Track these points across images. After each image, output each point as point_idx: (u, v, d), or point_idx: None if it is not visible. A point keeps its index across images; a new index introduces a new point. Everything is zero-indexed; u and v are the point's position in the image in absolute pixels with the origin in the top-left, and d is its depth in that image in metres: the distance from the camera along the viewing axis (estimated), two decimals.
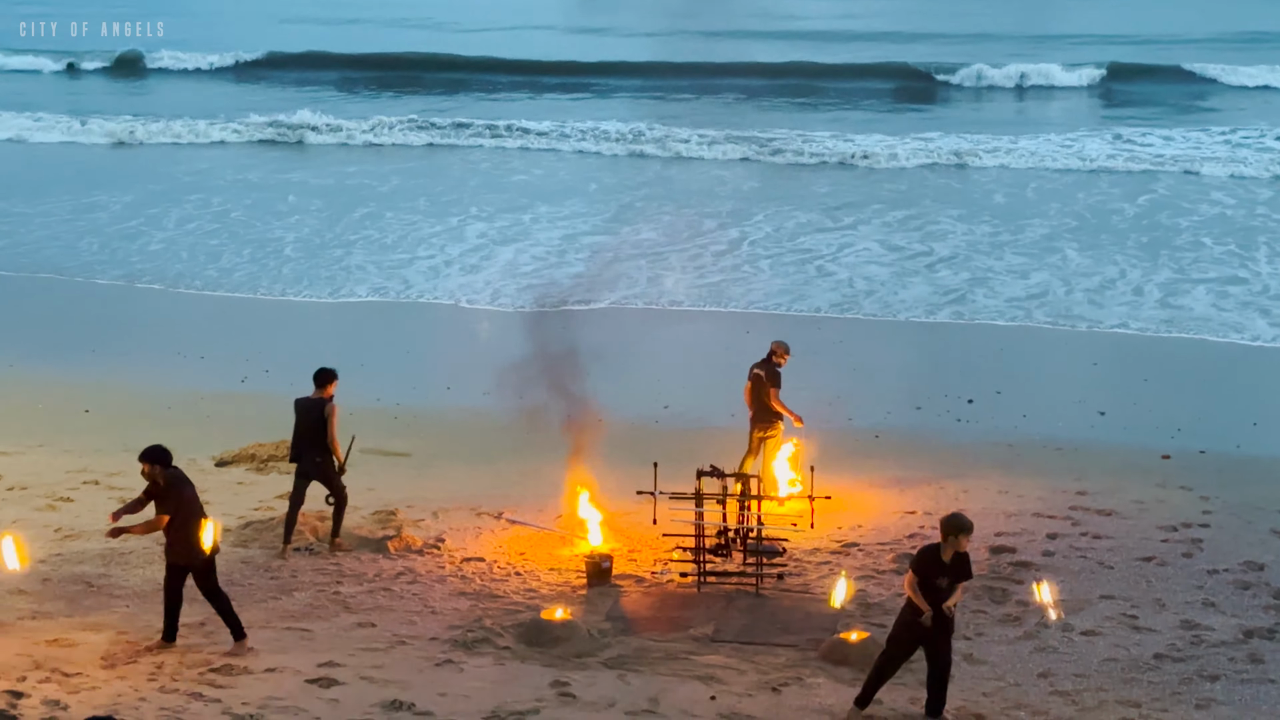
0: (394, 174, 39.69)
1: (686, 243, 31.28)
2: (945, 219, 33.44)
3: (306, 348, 24.15)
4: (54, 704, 12.64)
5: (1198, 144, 40.97)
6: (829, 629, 14.49)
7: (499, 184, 38.23)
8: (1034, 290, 27.89)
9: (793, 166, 40.07)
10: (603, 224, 33.33)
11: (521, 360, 18.35)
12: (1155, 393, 22.53)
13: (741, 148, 41.50)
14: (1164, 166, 38.55)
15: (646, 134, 43.47)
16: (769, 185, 37.52)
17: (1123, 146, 41.02)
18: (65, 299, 28.51)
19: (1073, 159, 39.60)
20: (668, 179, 38.93)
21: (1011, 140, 41.60)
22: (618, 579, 15.89)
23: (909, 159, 40.07)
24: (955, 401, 21.94)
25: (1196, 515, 17.63)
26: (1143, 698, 13.20)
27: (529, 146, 43.24)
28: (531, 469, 18.76)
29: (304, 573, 16.05)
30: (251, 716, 12.56)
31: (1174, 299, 27.13)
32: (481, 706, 12.86)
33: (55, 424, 21.31)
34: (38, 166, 41.41)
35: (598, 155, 42.21)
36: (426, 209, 35.24)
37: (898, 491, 18.56)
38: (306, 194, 37.28)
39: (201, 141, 45.03)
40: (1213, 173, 37.73)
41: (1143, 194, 35.61)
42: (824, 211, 34.28)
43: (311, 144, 44.57)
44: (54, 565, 16.05)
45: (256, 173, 40.30)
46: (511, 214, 34.50)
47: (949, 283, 28.43)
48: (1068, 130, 43.29)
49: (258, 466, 19.59)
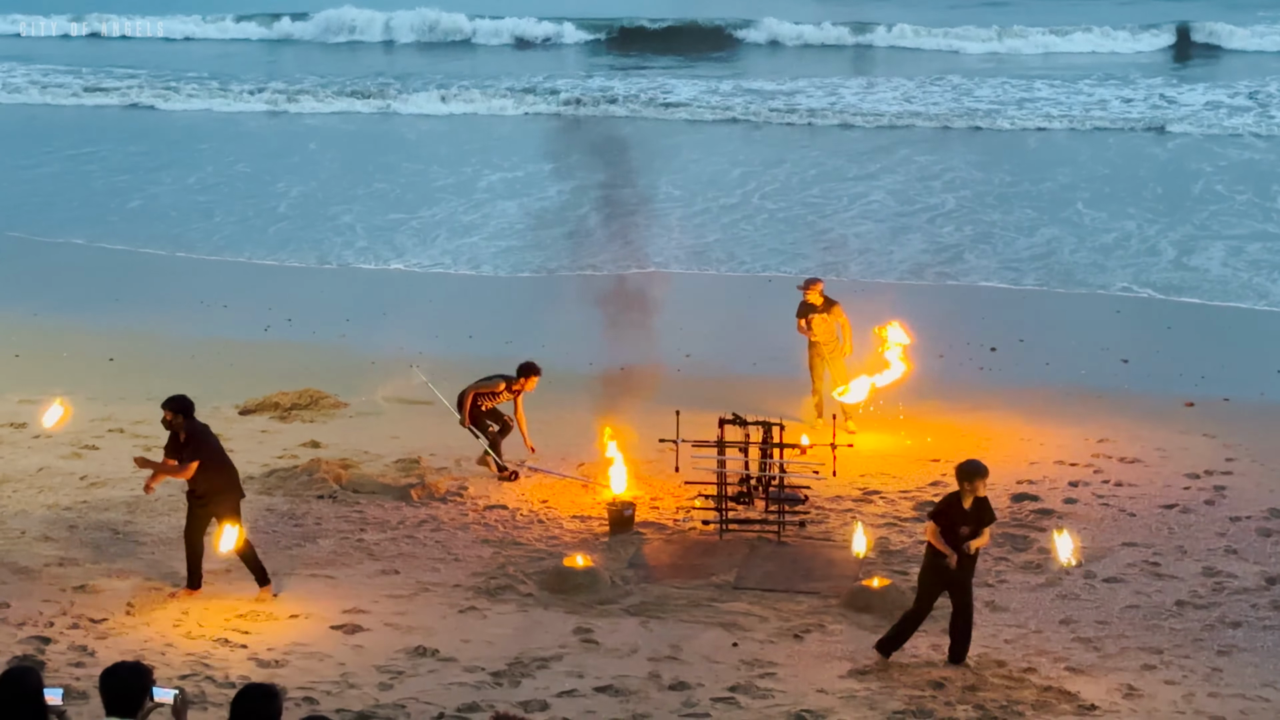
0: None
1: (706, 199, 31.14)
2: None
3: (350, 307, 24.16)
4: (81, 650, 12.75)
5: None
6: (851, 576, 14.52)
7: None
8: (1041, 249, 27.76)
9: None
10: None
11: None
12: (1179, 340, 22.43)
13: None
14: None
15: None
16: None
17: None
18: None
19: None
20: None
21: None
22: (640, 527, 15.93)
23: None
24: (978, 350, 21.88)
25: (1219, 463, 17.58)
26: (1164, 644, 13.21)
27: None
28: (553, 416, 18.77)
29: (328, 520, 16.12)
30: (276, 662, 12.66)
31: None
32: (505, 653, 12.93)
33: (79, 372, 21.39)
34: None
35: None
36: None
37: (920, 439, 18.54)
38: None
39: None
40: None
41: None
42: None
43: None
44: (80, 512, 16.15)
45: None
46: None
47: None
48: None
49: (281, 415, 19.64)
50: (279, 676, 12.16)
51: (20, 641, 12.85)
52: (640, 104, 41.26)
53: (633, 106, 41.00)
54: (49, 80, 46.41)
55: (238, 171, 34.78)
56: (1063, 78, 43.10)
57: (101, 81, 45.87)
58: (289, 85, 44.65)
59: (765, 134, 38.17)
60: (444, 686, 12.26)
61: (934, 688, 12.31)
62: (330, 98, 43.00)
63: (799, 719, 11.74)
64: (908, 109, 39.73)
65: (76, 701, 10.99)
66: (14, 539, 15.38)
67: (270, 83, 45.15)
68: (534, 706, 11.88)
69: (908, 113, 39.27)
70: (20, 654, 12.41)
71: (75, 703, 10.79)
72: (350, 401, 20.02)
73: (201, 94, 43.99)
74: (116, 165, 35.76)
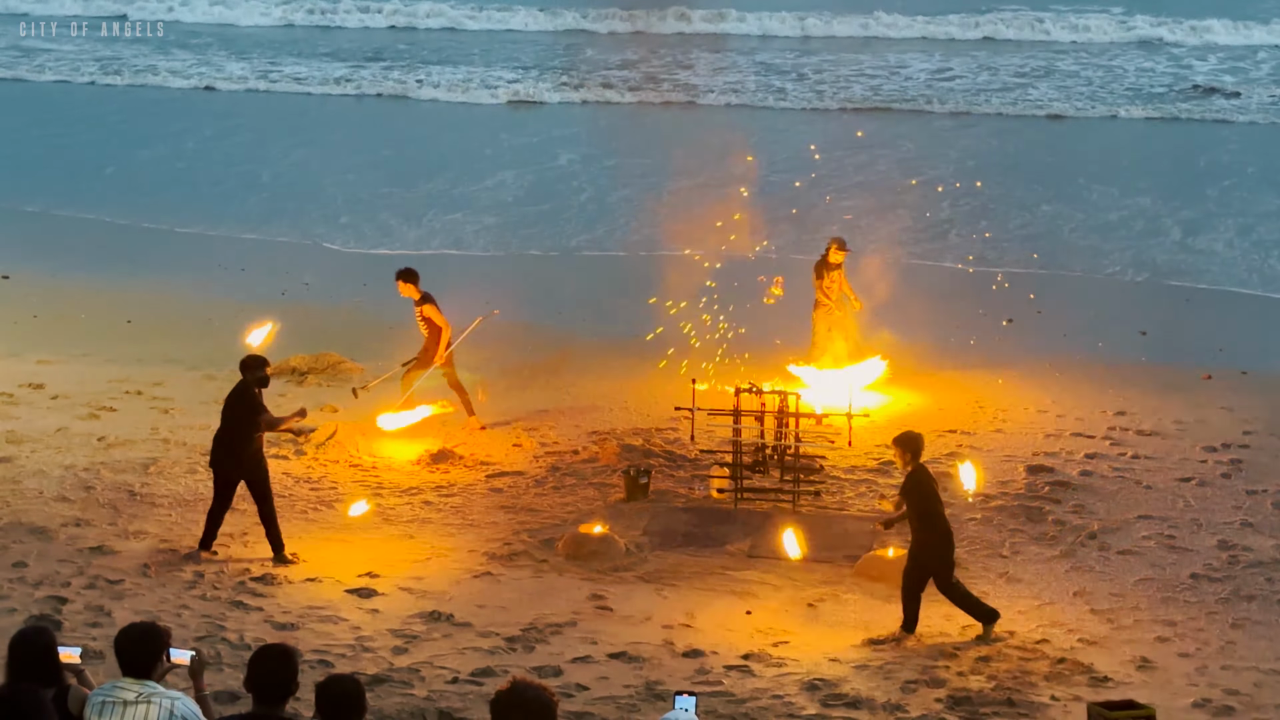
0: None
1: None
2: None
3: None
4: (97, 609, 12.81)
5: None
6: (865, 546, 14.51)
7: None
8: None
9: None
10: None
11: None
12: (1197, 313, 22.36)
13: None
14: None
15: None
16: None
17: None
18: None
19: None
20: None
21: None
22: (655, 494, 15.94)
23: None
24: (995, 321, 21.83)
25: (1237, 436, 17.54)
26: (1179, 617, 13.20)
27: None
28: (567, 382, 18.76)
29: (345, 484, 16.16)
30: (292, 625, 12.70)
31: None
32: (519, 618, 12.96)
33: (97, 334, 21.44)
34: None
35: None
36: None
37: (936, 410, 18.51)
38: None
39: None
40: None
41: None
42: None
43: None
44: (97, 473, 16.20)
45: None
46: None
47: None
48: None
49: (298, 379, 19.66)
50: (294, 639, 12.19)
51: (37, 601, 12.91)
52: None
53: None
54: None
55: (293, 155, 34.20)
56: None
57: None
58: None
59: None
60: (458, 651, 12.30)
61: (947, 658, 12.32)
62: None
63: (812, 687, 11.75)
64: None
65: (93, 662, 11.03)
66: (31, 499, 15.44)
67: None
68: (548, 672, 11.90)
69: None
70: (37, 613, 12.47)
71: (92, 663, 10.81)
72: (365, 367, 20.04)
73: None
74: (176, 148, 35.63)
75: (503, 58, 43.67)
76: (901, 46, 44.36)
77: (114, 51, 45.20)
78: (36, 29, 46.47)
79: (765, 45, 45.59)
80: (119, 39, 46.45)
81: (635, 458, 16.73)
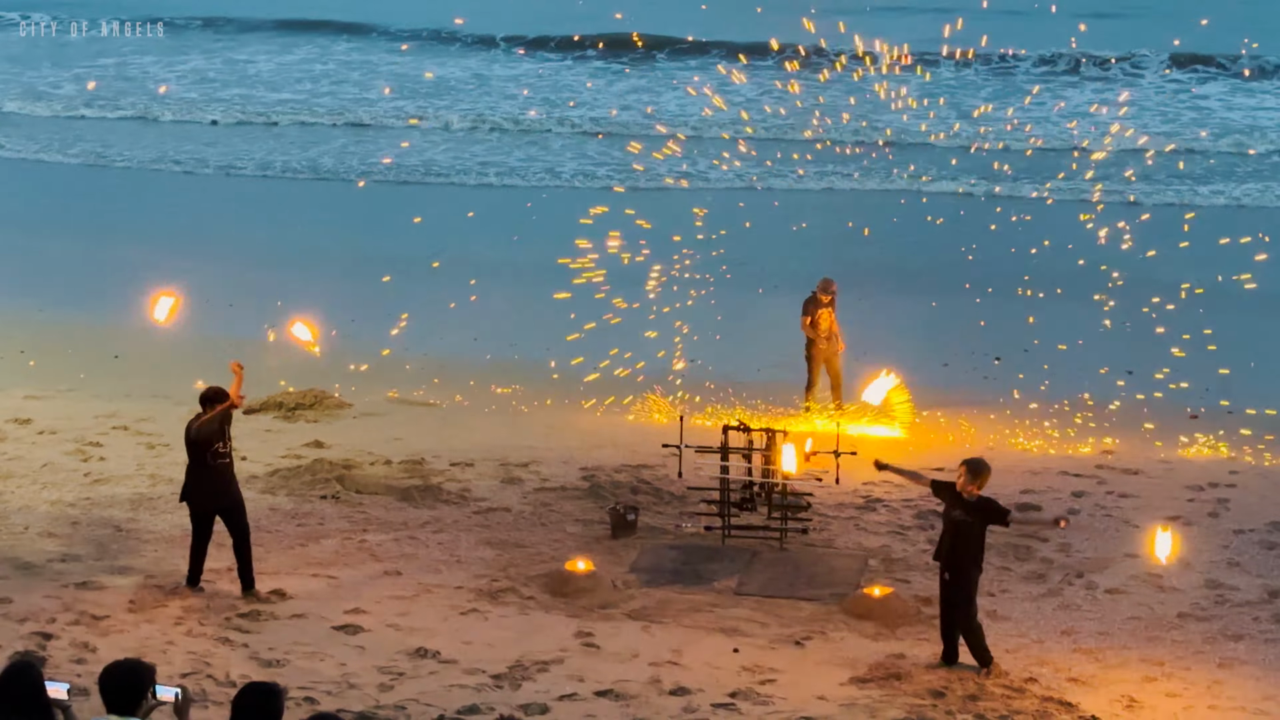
0: None
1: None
2: None
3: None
4: (83, 646, 12.77)
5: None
6: (852, 583, 14.52)
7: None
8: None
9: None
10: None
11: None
12: (1185, 351, 22.38)
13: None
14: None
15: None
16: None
17: None
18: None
19: None
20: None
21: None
22: (642, 531, 15.93)
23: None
24: (982, 359, 21.87)
25: (1223, 475, 17.58)
26: (1166, 656, 13.21)
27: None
28: (560, 420, 18.78)
29: (331, 520, 16.13)
30: (278, 661, 12.67)
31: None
32: (506, 655, 12.94)
33: (85, 369, 21.41)
34: None
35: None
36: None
37: (924, 448, 18.53)
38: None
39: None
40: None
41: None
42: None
43: None
44: (83, 509, 16.16)
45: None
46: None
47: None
48: None
49: (285, 414, 19.66)
50: (280, 676, 12.17)
51: (22, 637, 12.87)
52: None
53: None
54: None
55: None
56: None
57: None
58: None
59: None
60: (445, 688, 12.27)
61: (935, 696, 12.32)
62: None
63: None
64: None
65: (78, 698, 10.86)
66: (17, 534, 15.40)
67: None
68: (534, 710, 11.89)
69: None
70: (22, 649, 12.43)
71: (77, 699, 10.68)
72: (354, 403, 20.04)
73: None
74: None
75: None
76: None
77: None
78: None
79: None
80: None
81: (623, 494, 16.73)
